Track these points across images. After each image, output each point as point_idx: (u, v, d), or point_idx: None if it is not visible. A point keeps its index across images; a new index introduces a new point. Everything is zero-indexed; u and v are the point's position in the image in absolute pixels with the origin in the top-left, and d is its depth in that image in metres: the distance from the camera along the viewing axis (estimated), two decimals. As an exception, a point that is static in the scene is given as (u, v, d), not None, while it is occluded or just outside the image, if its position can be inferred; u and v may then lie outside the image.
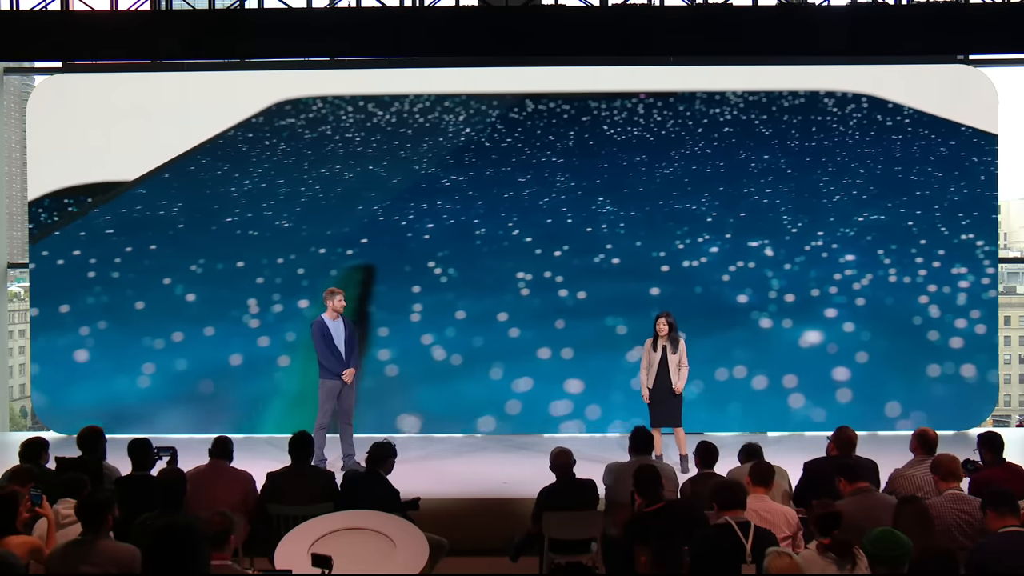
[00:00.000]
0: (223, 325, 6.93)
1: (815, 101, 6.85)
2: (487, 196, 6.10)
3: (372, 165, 6.50)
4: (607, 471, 5.94)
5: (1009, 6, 7.51)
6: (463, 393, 5.64)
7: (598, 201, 5.84)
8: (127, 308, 7.74)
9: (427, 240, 5.93)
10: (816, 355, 5.24)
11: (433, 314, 5.77)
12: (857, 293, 5.63)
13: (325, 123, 6.97)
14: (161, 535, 3.72)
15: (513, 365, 5.49)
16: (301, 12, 8.32)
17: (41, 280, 9.53)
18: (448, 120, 6.63)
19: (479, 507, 6.84)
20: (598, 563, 5.53)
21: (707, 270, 5.39)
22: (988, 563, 4.29)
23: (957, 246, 6.23)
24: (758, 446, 5.91)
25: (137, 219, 7.35)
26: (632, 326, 5.44)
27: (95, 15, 7.64)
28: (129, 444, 5.75)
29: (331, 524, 5.01)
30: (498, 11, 7.58)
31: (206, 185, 6.90)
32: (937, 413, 5.85)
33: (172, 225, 6.91)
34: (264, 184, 6.60)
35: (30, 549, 4.43)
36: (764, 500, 5.05)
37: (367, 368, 6.22)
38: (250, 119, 7.33)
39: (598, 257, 5.68)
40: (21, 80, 33.72)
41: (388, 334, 5.74)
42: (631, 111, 6.40)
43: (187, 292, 7.25)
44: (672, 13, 7.76)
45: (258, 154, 6.88)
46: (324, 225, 6.19)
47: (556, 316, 5.46)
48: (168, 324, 7.31)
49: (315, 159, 6.83)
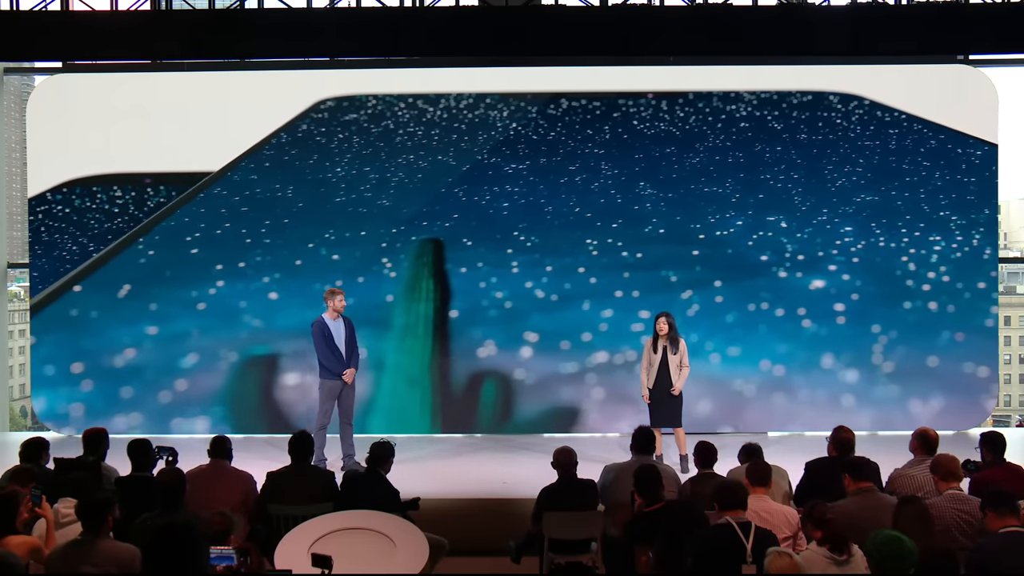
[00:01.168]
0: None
1: (821, 99, 7.76)
2: (546, 181, 7.20)
3: (440, 156, 7.49)
4: (605, 471, 5.94)
5: (1009, 6, 7.51)
6: (566, 318, 6.92)
7: (640, 185, 7.05)
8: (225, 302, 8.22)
9: (506, 216, 7.08)
10: (820, 295, 6.69)
11: (527, 268, 7.00)
12: (853, 254, 6.99)
13: (384, 118, 7.76)
14: (161, 534, 3.72)
15: (597, 301, 6.89)
16: (301, 12, 8.32)
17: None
18: (493, 116, 7.57)
19: (479, 507, 6.84)
20: (598, 563, 5.52)
21: (735, 237, 6.82)
22: (988, 563, 4.29)
23: (935, 220, 7.46)
24: (758, 446, 5.91)
25: (259, 200, 7.84)
26: (681, 276, 6.92)
27: (95, 15, 7.64)
28: (129, 444, 5.74)
29: (331, 524, 5.00)
30: (498, 11, 7.58)
31: (303, 172, 7.65)
32: (909, 335, 7.16)
33: (293, 204, 7.66)
34: (354, 171, 7.47)
35: (30, 549, 4.43)
36: (764, 500, 5.05)
37: (491, 300, 7.17)
38: (309, 114, 7.90)
39: (647, 228, 7.02)
40: (21, 80, 33.75)
41: (496, 281, 6.99)
42: (655, 108, 7.44)
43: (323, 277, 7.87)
44: (672, 13, 7.76)
45: (338, 145, 7.73)
46: (419, 204, 7.19)
47: (622, 270, 6.89)
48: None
49: (389, 150, 7.69)
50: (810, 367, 6.14)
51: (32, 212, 9.56)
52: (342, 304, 7.81)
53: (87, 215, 9.01)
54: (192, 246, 7.95)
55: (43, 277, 9.48)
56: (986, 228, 7.59)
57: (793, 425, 7.23)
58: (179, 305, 8.00)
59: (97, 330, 9.04)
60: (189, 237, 8.09)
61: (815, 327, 6.51)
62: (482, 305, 6.70)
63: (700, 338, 6.43)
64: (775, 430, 7.27)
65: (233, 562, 4.10)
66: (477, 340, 6.95)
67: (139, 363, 8.72)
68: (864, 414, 6.92)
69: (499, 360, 6.87)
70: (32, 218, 9.55)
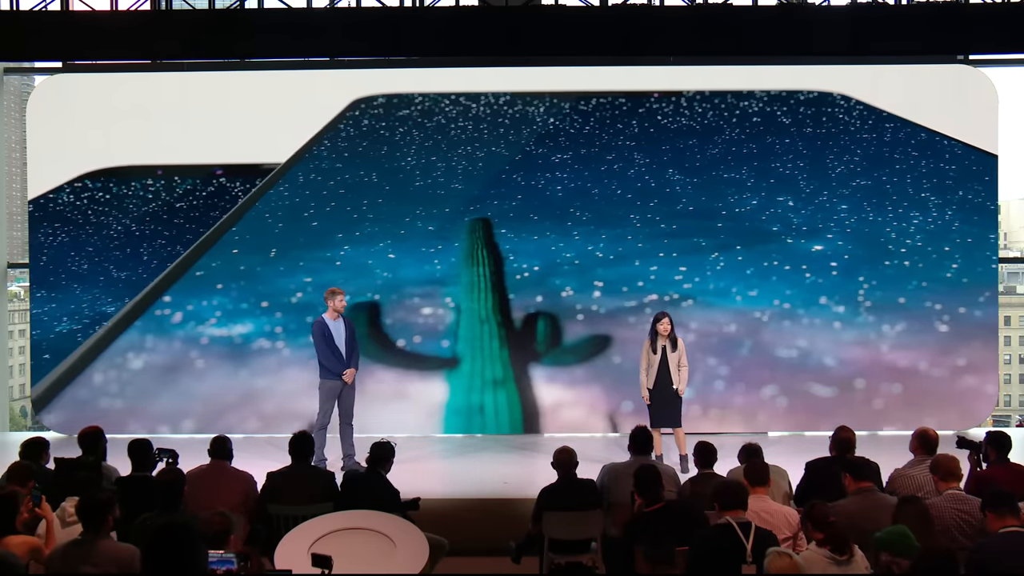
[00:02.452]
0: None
1: (825, 97, 8.60)
2: (589, 168, 8.20)
3: (493, 147, 8.38)
4: (604, 471, 5.94)
5: (1009, 6, 7.51)
6: (622, 271, 8.12)
7: (669, 172, 8.11)
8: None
9: (561, 197, 8.16)
10: (819, 255, 7.91)
11: (586, 236, 8.11)
12: (846, 226, 8.16)
13: (434, 114, 8.57)
14: (160, 534, 3.71)
15: (645, 259, 8.03)
16: (301, 12, 8.33)
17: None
18: (532, 111, 8.48)
19: (479, 507, 6.84)
20: (598, 563, 5.52)
21: (751, 214, 8.00)
22: (988, 563, 4.29)
23: (916, 200, 8.54)
24: (758, 446, 5.90)
25: (349, 184, 8.65)
26: (709, 242, 8.11)
27: (95, 15, 7.64)
28: (129, 444, 5.74)
29: (331, 524, 5.00)
30: (498, 11, 7.59)
31: (380, 161, 8.50)
32: (884, 283, 8.32)
33: (379, 188, 8.50)
34: (423, 160, 8.35)
35: (30, 549, 4.42)
36: (765, 500, 5.05)
37: (563, 258, 8.28)
38: (364, 109, 8.65)
39: (678, 206, 8.16)
40: (21, 80, 33.76)
41: (563, 245, 8.14)
42: (676, 104, 8.38)
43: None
44: (672, 13, 7.77)
45: (401, 136, 8.53)
46: (486, 187, 8.22)
47: (662, 238, 8.02)
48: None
49: (447, 142, 8.52)
50: (810, 304, 7.61)
51: (39, 210, 9.56)
52: (342, 304, 7.81)
53: (104, 207, 9.22)
54: (310, 219, 8.63)
55: (43, 277, 9.50)
56: (957, 206, 8.63)
57: (799, 342, 8.22)
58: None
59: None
60: (281, 224, 8.77)
61: (814, 277, 7.86)
62: (556, 262, 7.97)
63: (727, 284, 7.81)
64: (783, 350, 8.11)
65: (233, 566, 4.10)
66: (552, 287, 8.14)
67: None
68: (847, 334, 8.19)
69: (562, 302, 8.12)
70: (38, 213, 9.55)
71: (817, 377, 7.56)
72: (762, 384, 7.48)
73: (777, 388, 7.65)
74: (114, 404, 8.73)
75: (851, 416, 7.64)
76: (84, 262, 9.42)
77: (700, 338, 7.61)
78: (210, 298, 8.71)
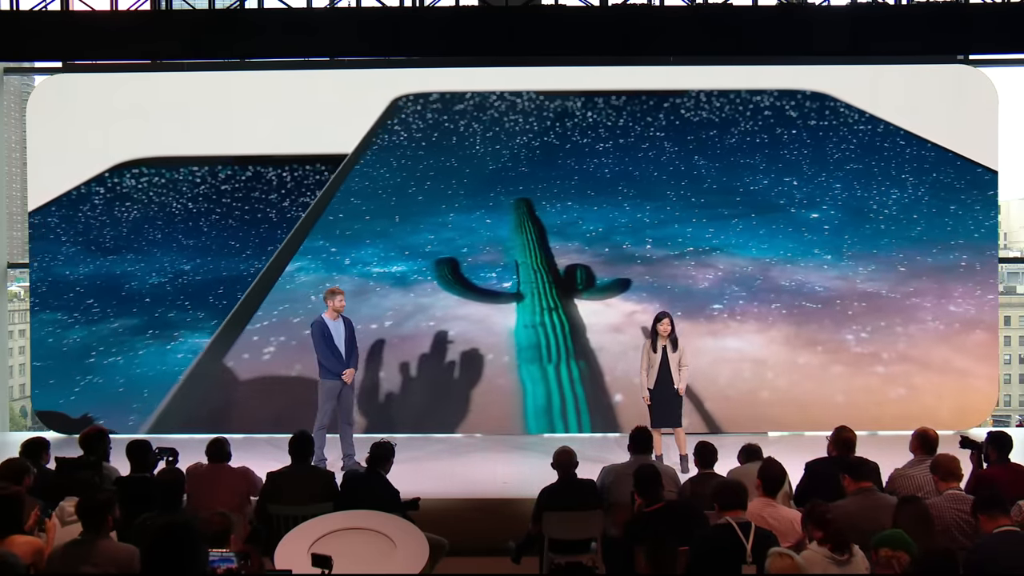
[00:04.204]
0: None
1: (827, 96, 9.64)
2: (628, 155, 9.33)
3: (545, 137, 9.45)
4: (603, 472, 5.94)
5: (1009, 6, 7.51)
6: (666, 232, 9.39)
7: (695, 158, 9.26)
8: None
9: (609, 178, 9.35)
10: (815, 221, 9.20)
11: (636, 206, 9.35)
12: (839, 200, 9.34)
13: (487, 108, 9.50)
14: (159, 534, 3.72)
15: (682, 223, 9.31)
16: (301, 12, 8.34)
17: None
18: (571, 106, 9.50)
19: (479, 507, 6.84)
20: (598, 563, 5.52)
21: (763, 191, 9.25)
22: (986, 563, 4.29)
23: (898, 180, 9.53)
24: (758, 447, 5.91)
25: (430, 173, 9.60)
26: (729, 212, 9.30)
27: (95, 15, 7.64)
28: (128, 445, 5.73)
29: (331, 524, 5.00)
30: (498, 11, 7.60)
31: (457, 150, 9.51)
32: (863, 240, 9.38)
33: (460, 173, 9.53)
34: (491, 148, 9.39)
35: (34, 550, 4.42)
36: (773, 506, 5.04)
37: (620, 223, 9.38)
38: (428, 104, 9.56)
39: (704, 185, 9.35)
40: (21, 80, 33.73)
41: (618, 213, 9.33)
42: (696, 99, 9.43)
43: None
44: (672, 13, 7.78)
45: (466, 126, 9.50)
46: (547, 171, 9.37)
47: (694, 209, 9.27)
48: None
49: (504, 135, 9.49)
50: (806, 254, 9.02)
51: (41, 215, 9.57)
52: (342, 304, 7.82)
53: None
54: (416, 193, 9.51)
55: (43, 277, 9.51)
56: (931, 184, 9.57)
57: (796, 277, 9.27)
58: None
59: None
60: (367, 206, 9.59)
61: (810, 236, 9.14)
62: (614, 225, 9.23)
63: (744, 241, 9.14)
64: (784, 282, 9.20)
65: (233, 563, 4.10)
66: (615, 242, 9.34)
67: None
68: (831, 272, 9.22)
69: (623, 252, 9.34)
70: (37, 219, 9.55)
71: (808, 299, 9.03)
72: (770, 303, 9.01)
73: (780, 304, 9.06)
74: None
75: (831, 337, 9.17)
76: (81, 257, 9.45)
77: (726, 275, 9.04)
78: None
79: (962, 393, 9.36)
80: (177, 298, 9.34)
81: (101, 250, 9.49)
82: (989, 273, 9.50)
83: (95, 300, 9.41)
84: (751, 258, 8.92)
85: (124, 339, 9.39)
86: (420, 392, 9.29)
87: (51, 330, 9.44)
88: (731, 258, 9.00)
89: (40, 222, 9.54)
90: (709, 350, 9.12)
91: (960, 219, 9.42)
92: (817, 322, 9.06)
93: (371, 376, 9.18)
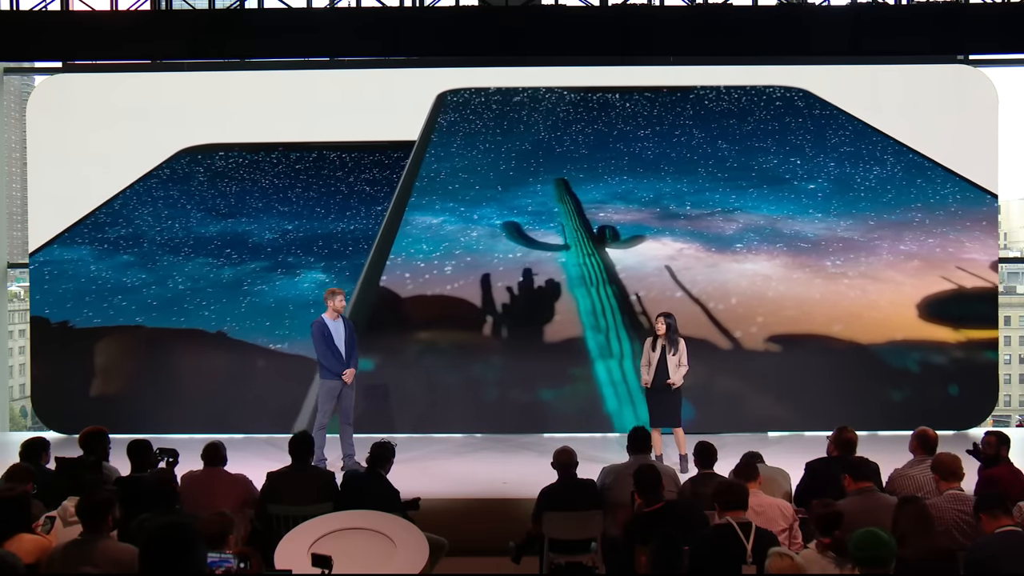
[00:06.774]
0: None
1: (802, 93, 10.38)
2: (662, 144, 10.10)
3: (595, 125, 10.25)
4: (604, 471, 5.93)
5: (1009, 6, 7.52)
6: (702, 197, 10.15)
7: (719, 143, 10.05)
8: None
9: (652, 159, 10.14)
10: (812, 191, 9.87)
11: (675, 180, 10.09)
12: (831, 176, 9.96)
13: (539, 101, 10.21)
14: (157, 534, 3.70)
15: (711, 192, 10.07)
16: (301, 12, 8.35)
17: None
18: (611, 99, 10.24)
19: (479, 507, 6.84)
20: (598, 563, 5.53)
21: (773, 168, 10.00)
22: (987, 563, 4.29)
23: (883, 160, 10.13)
24: (758, 454, 5.85)
25: (500, 156, 10.25)
26: (747, 183, 10.09)
27: (95, 15, 7.65)
28: (128, 445, 5.73)
29: (331, 524, 4.99)
30: (498, 11, 7.60)
31: (524, 138, 10.27)
32: (849, 204, 9.99)
33: (533, 156, 10.24)
34: (528, 144, 10.15)
35: (41, 550, 4.42)
36: (756, 495, 5.03)
37: (666, 193, 10.16)
38: (493, 96, 10.25)
39: (727, 164, 10.11)
40: (21, 80, 33.73)
41: (662, 186, 10.11)
42: (717, 91, 10.17)
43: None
44: (672, 13, 7.79)
45: (527, 117, 10.22)
46: (604, 154, 10.14)
47: (719, 183, 10.04)
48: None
49: (562, 124, 10.18)
50: (804, 213, 9.78)
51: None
52: (342, 304, 7.82)
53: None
54: (506, 171, 10.20)
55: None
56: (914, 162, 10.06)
57: (795, 227, 9.92)
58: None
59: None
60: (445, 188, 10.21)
61: (808, 200, 9.87)
62: (661, 193, 10.05)
63: (757, 204, 9.98)
64: (787, 229, 9.85)
65: (232, 564, 4.10)
66: (663, 204, 10.16)
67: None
68: (820, 224, 9.90)
69: (669, 211, 10.19)
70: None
71: (801, 240, 9.74)
72: (776, 241, 9.74)
73: (783, 243, 9.73)
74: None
75: (816, 263, 9.81)
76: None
77: (745, 226, 9.98)
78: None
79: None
80: (290, 248, 9.83)
81: (220, 215, 9.82)
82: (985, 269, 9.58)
83: (232, 250, 9.84)
84: (763, 215, 10.05)
85: (262, 275, 9.84)
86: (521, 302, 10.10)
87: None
88: (748, 215, 10.17)
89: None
90: (732, 270, 10.07)
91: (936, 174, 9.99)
92: (807, 254, 10.04)
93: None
